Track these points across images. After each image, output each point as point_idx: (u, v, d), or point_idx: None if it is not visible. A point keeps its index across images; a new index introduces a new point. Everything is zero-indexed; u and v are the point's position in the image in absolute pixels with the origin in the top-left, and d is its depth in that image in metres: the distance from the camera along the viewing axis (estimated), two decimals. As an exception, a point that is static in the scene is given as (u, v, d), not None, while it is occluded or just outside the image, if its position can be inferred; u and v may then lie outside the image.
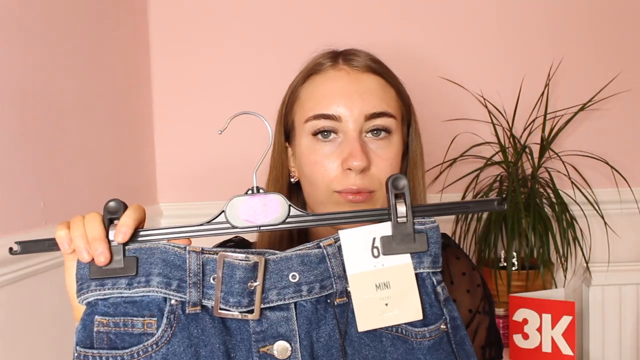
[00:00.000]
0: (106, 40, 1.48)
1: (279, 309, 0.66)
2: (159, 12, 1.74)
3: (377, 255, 0.67)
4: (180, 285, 0.65)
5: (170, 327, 0.65)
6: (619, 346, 1.66)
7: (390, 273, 0.66)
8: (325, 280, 0.67)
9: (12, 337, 1.06)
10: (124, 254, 0.66)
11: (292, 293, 0.66)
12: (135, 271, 0.65)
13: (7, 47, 1.08)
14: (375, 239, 0.67)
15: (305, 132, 0.87)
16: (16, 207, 1.08)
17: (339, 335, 0.66)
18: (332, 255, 0.67)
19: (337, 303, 0.67)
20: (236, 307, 0.65)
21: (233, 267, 0.65)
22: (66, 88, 1.28)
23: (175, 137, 1.75)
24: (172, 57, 1.74)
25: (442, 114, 1.72)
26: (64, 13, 1.28)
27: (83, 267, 0.66)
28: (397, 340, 0.67)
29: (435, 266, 0.68)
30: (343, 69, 0.88)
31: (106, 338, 0.65)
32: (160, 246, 0.66)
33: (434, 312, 0.68)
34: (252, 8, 1.74)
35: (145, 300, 0.66)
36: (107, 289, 0.65)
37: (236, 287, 0.64)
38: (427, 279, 0.68)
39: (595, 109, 1.70)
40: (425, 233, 0.67)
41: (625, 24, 1.73)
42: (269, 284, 0.66)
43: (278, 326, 0.66)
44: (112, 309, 0.65)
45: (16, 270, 1.06)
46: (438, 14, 1.74)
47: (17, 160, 1.09)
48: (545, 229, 1.55)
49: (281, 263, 0.66)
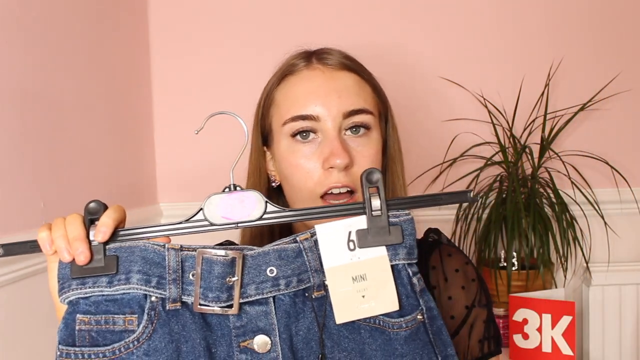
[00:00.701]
0: (106, 40, 1.48)
1: (257, 304, 0.67)
2: (159, 12, 1.74)
3: (353, 249, 0.68)
4: (160, 282, 0.66)
5: (151, 324, 0.66)
6: (619, 346, 1.66)
7: (366, 265, 0.68)
8: (302, 274, 0.68)
9: (12, 337, 1.06)
10: (105, 253, 0.67)
11: (270, 287, 0.67)
12: (115, 269, 0.66)
13: (7, 47, 1.08)
14: (351, 232, 0.68)
15: (284, 135, 0.86)
16: (16, 207, 1.08)
17: (318, 328, 0.67)
18: (308, 249, 0.68)
19: (315, 296, 0.68)
20: (215, 302, 0.66)
21: (211, 263, 0.66)
22: (66, 88, 1.28)
23: (175, 137, 1.75)
24: (172, 57, 1.74)
25: (442, 114, 1.72)
26: (64, 13, 1.28)
27: (64, 267, 0.67)
28: (375, 332, 0.68)
29: (410, 257, 0.69)
30: (317, 68, 0.88)
31: (88, 336, 0.66)
32: (140, 244, 0.67)
33: (410, 302, 0.69)
34: (252, 8, 1.74)
35: (125, 297, 0.66)
36: (88, 287, 0.66)
37: (215, 282, 0.66)
38: (403, 270, 0.69)
39: (595, 109, 1.70)
40: (400, 225, 0.68)
41: (625, 24, 1.73)
42: (247, 278, 0.67)
43: (257, 320, 0.67)
44: (94, 307, 0.66)
45: (16, 270, 1.06)
46: (438, 14, 1.74)
47: (17, 160, 1.09)
48: (545, 229, 1.55)
49: (259, 258, 0.67)
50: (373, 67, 0.95)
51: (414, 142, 1.70)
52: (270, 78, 0.93)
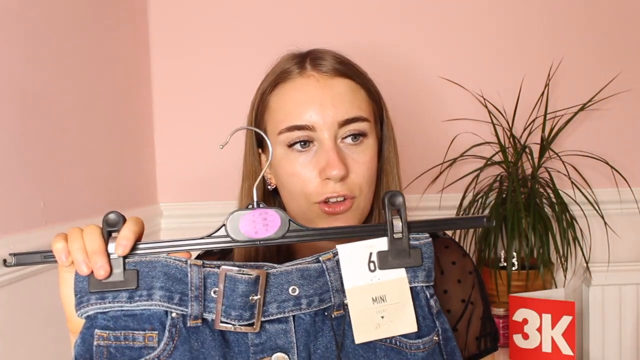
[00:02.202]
0: (106, 40, 1.48)
1: (277, 322, 0.67)
2: (159, 12, 1.74)
3: (374, 270, 0.69)
4: (182, 299, 0.66)
5: (172, 341, 0.65)
6: (619, 346, 1.66)
7: (386, 287, 0.69)
8: (324, 294, 0.68)
9: (12, 337, 1.06)
10: (124, 267, 0.65)
11: (292, 306, 0.67)
12: (136, 284, 0.65)
13: (7, 47, 1.08)
14: (372, 253, 0.69)
15: (280, 143, 0.86)
16: (16, 207, 1.08)
17: (336, 347, 0.68)
18: (331, 269, 0.69)
19: (335, 316, 0.69)
20: (238, 320, 0.66)
21: (235, 281, 0.65)
22: (66, 88, 1.27)
23: (175, 137, 1.75)
24: (172, 57, 1.74)
25: (442, 114, 1.72)
26: (64, 13, 1.28)
27: (82, 280, 0.65)
28: (391, 352, 0.69)
29: (428, 280, 0.70)
30: (312, 76, 0.87)
31: (106, 352, 0.65)
32: (161, 259, 0.66)
33: (427, 324, 0.70)
34: (251, 8, 1.74)
35: (145, 313, 0.66)
36: (108, 302, 0.65)
37: (238, 300, 0.65)
38: (421, 293, 0.70)
39: (595, 109, 1.70)
40: (420, 248, 0.69)
41: (625, 24, 1.73)
42: (269, 297, 0.67)
43: (277, 338, 0.67)
44: (112, 322, 0.65)
45: (16, 270, 1.06)
46: (438, 14, 1.74)
47: (17, 160, 1.09)
48: (545, 229, 1.55)
49: (281, 277, 0.67)
50: (373, 67, 0.95)
51: (414, 142, 1.70)
52: (263, 80, 0.92)
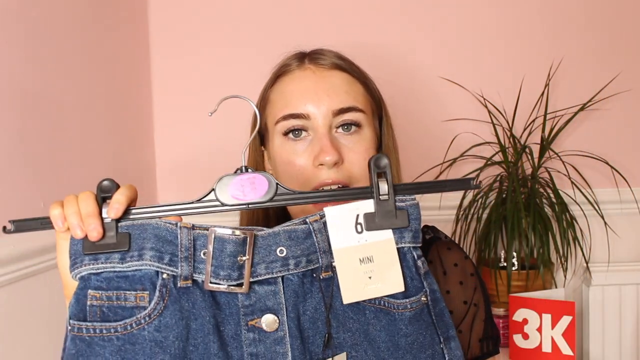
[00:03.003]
0: (106, 41, 1.48)
1: (266, 283, 0.68)
2: (159, 12, 1.74)
3: (361, 231, 0.69)
4: (172, 260, 0.67)
5: (162, 300, 0.66)
6: (619, 346, 1.66)
7: (373, 248, 0.69)
8: (311, 255, 0.69)
9: (12, 337, 1.06)
10: (117, 230, 0.67)
11: (279, 267, 0.68)
12: (128, 246, 0.67)
13: (7, 47, 1.08)
14: (359, 215, 0.70)
15: (277, 133, 0.90)
16: (16, 207, 1.08)
17: (325, 308, 0.69)
18: (317, 230, 0.69)
19: (323, 277, 0.69)
20: (226, 280, 0.66)
21: (223, 242, 0.66)
22: (66, 88, 1.28)
23: (175, 137, 1.75)
24: (172, 57, 1.74)
25: (442, 114, 1.72)
26: (64, 13, 1.28)
27: (76, 243, 0.67)
28: (380, 313, 0.69)
29: (415, 241, 0.71)
30: (309, 68, 0.91)
31: (99, 311, 0.66)
32: (152, 222, 0.68)
33: (415, 284, 0.70)
34: (252, 8, 1.74)
35: (137, 274, 0.67)
36: (101, 263, 0.67)
37: (226, 260, 0.66)
38: (408, 253, 0.71)
39: (595, 109, 1.70)
40: (406, 210, 0.70)
41: (625, 24, 1.73)
42: (257, 258, 0.67)
43: (266, 299, 0.68)
44: (105, 283, 0.67)
45: (16, 270, 1.06)
46: (438, 14, 1.74)
47: (17, 160, 1.09)
48: (545, 229, 1.55)
49: (269, 238, 0.68)
50: (373, 67, 0.95)
51: (414, 142, 1.70)
52: (268, 79, 0.96)
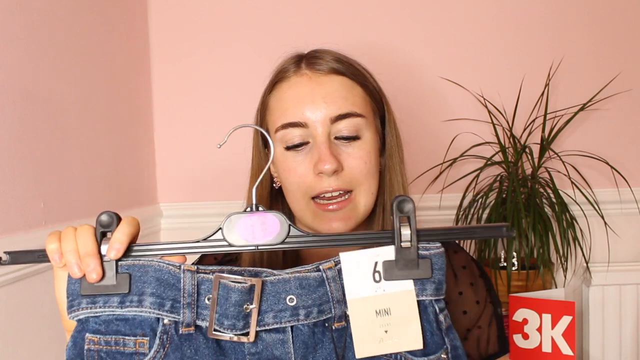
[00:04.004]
0: (106, 41, 1.48)
1: (275, 331, 0.65)
2: (159, 12, 1.74)
3: (379, 280, 0.65)
4: (174, 306, 0.64)
5: (162, 348, 0.64)
6: (619, 346, 1.66)
7: (391, 299, 0.65)
8: (323, 305, 0.65)
9: (12, 337, 1.06)
10: (117, 271, 0.64)
11: (289, 317, 0.64)
12: (128, 289, 0.64)
13: (8, 47, 1.08)
14: (377, 262, 0.65)
15: (277, 141, 0.88)
16: (16, 207, 1.08)
17: (336, 359, 0.65)
18: (331, 279, 0.65)
19: (335, 327, 0.66)
20: (231, 329, 0.63)
21: (229, 290, 0.63)
22: (66, 88, 1.27)
23: (175, 137, 1.75)
24: (172, 57, 1.74)
25: (442, 114, 1.72)
26: (64, 13, 1.28)
27: (74, 282, 0.64)
28: None
29: (438, 294, 0.65)
30: (305, 74, 0.89)
31: (97, 356, 0.64)
32: (154, 264, 0.64)
33: (435, 340, 0.66)
34: (252, 9, 1.74)
35: (137, 318, 0.64)
36: (99, 307, 0.64)
37: (231, 309, 0.63)
38: (430, 307, 0.66)
39: (595, 109, 1.70)
40: (430, 259, 0.65)
41: (625, 24, 1.73)
42: (265, 306, 0.64)
43: (274, 348, 0.65)
44: (104, 326, 0.64)
45: (16, 270, 1.06)
46: (438, 14, 1.74)
47: (17, 160, 1.09)
48: (545, 229, 1.54)
49: (279, 285, 0.65)
50: (373, 67, 0.95)
51: (414, 142, 1.70)
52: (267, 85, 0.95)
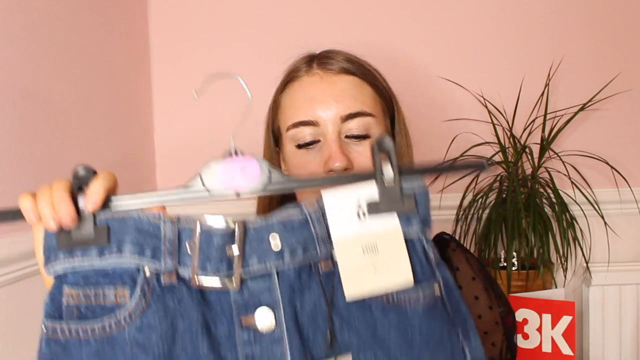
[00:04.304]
0: (106, 41, 1.48)
1: (260, 278, 0.62)
2: (159, 12, 1.74)
3: (363, 218, 0.63)
4: (155, 254, 0.61)
5: (144, 298, 0.61)
6: (619, 346, 1.66)
7: (377, 236, 0.63)
8: (308, 245, 0.63)
9: (12, 337, 1.06)
10: (95, 223, 0.61)
11: (273, 259, 0.62)
12: (106, 240, 0.61)
13: (8, 47, 1.08)
14: (361, 200, 0.63)
15: (288, 140, 0.90)
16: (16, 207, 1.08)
17: (325, 304, 0.62)
18: (315, 219, 0.63)
19: (322, 270, 0.63)
20: (214, 274, 0.61)
21: (210, 234, 0.61)
22: (66, 88, 1.27)
23: (175, 137, 1.75)
24: (173, 57, 1.74)
25: (442, 114, 1.72)
26: (64, 13, 1.28)
27: (51, 237, 0.62)
28: (388, 309, 0.63)
29: (424, 229, 0.65)
30: (316, 74, 0.91)
31: (76, 311, 0.61)
32: (133, 215, 0.62)
33: (426, 276, 0.64)
34: (252, 8, 1.74)
35: (117, 271, 0.61)
36: (77, 258, 0.61)
37: (214, 254, 0.61)
38: (417, 243, 0.65)
39: (595, 109, 1.70)
40: (414, 195, 0.64)
41: (625, 24, 1.73)
42: (249, 250, 0.62)
43: (260, 295, 0.62)
44: (83, 279, 0.61)
45: (16, 270, 1.06)
46: (438, 14, 1.74)
47: (17, 160, 1.09)
48: (545, 229, 1.54)
49: (261, 228, 0.62)
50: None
51: (414, 142, 1.70)
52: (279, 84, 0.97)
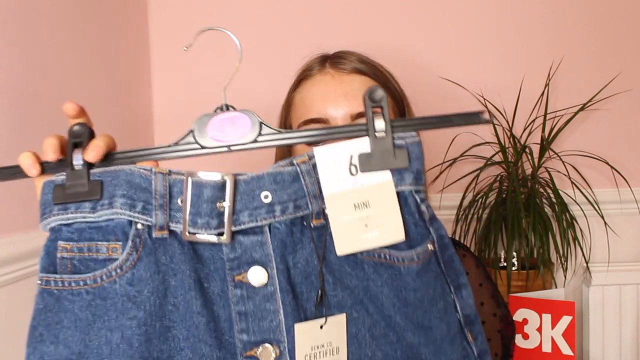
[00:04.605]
0: (106, 42, 1.48)
1: (252, 233, 0.62)
2: (159, 12, 1.74)
3: (355, 173, 0.62)
4: (146, 208, 0.61)
5: (135, 251, 0.61)
6: (619, 346, 1.66)
7: (369, 191, 0.62)
8: (299, 200, 0.62)
9: (12, 337, 1.06)
10: (89, 178, 0.62)
11: (264, 214, 0.61)
12: (99, 195, 0.61)
13: (7, 47, 1.08)
14: (353, 156, 0.62)
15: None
16: (16, 207, 1.08)
17: (317, 260, 0.62)
18: (306, 173, 0.62)
19: (314, 225, 0.62)
20: (205, 228, 0.60)
21: (200, 187, 0.61)
22: (66, 88, 1.27)
23: (175, 138, 1.75)
24: (173, 57, 1.74)
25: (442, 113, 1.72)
26: (64, 13, 1.28)
27: (47, 192, 0.63)
28: (380, 267, 0.62)
29: (417, 183, 0.63)
30: (329, 73, 0.93)
31: (70, 264, 0.62)
32: (125, 169, 0.62)
33: (420, 231, 0.63)
34: (252, 8, 1.74)
35: (110, 225, 0.62)
36: (70, 213, 0.62)
37: (204, 207, 0.60)
38: (410, 197, 0.63)
39: (595, 109, 1.70)
40: (407, 148, 0.62)
41: (625, 24, 1.73)
42: (239, 205, 0.61)
43: (252, 251, 0.61)
44: (77, 234, 0.62)
45: (16, 270, 1.06)
46: (438, 14, 1.74)
47: (17, 160, 1.09)
48: (545, 229, 1.54)
49: (252, 182, 0.62)
50: (373, 67, 0.95)
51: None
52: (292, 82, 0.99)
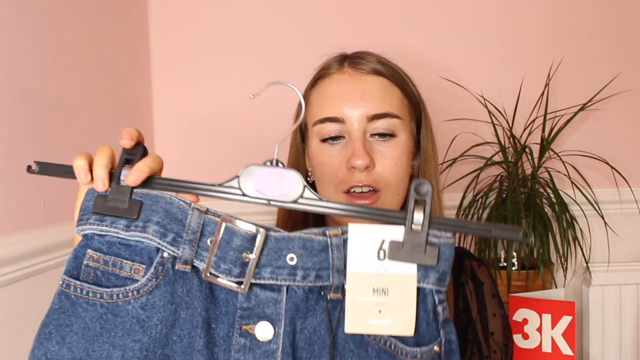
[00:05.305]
0: (106, 41, 1.48)
1: (270, 289, 0.64)
2: (159, 12, 1.74)
3: (383, 258, 0.63)
4: (176, 240, 0.64)
5: (155, 278, 0.63)
6: (619, 346, 1.66)
7: (391, 280, 0.63)
8: (322, 270, 0.64)
9: (12, 337, 1.06)
10: (131, 196, 0.65)
11: (286, 275, 0.63)
12: (136, 215, 0.64)
13: (8, 47, 1.08)
14: (385, 241, 0.63)
15: (314, 135, 0.92)
16: (16, 207, 1.08)
17: (328, 332, 0.63)
18: (335, 246, 0.64)
19: (330, 298, 0.64)
20: (226, 274, 0.63)
21: (232, 234, 0.63)
22: (66, 88, 1.27)
23: (175, 138, 1.75)
24: (173, 57, 1.74)
25: (442, 114, 1.72)
26: (64, 13, 1.28)
27: (89, 199, 0.66)
28: (383, 354, 0.63)
29: (440, 284, 0.63)
30: (347, 72, 0.92)
31: (93, 273, 0.64)
32: (166, 196, 0.65)
33: (430, 331, 0.64)
34: (252, 8, 1.74)
35: (139, 246, 0.65)
36: (105, 225, 0.65)
37: (231, 254, 0.63)
38: (429, 296, 0.64)
39: (595, 109, 1.70)
40: (438, 247, 0.62)
41: (625, 24, 1.73)
42: (264, 260, 0.63)
43: (265, 306, 0.63)
44: (106, 246, 0.65)
45: (16, 270, 1.06)
46: (438, 15, 1.74)
47: (17, 160, 1.09)
48: (545, 229, 1.55)
49: (282, 242, 0.63)
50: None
51: (414, 142, 1.70)
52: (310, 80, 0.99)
